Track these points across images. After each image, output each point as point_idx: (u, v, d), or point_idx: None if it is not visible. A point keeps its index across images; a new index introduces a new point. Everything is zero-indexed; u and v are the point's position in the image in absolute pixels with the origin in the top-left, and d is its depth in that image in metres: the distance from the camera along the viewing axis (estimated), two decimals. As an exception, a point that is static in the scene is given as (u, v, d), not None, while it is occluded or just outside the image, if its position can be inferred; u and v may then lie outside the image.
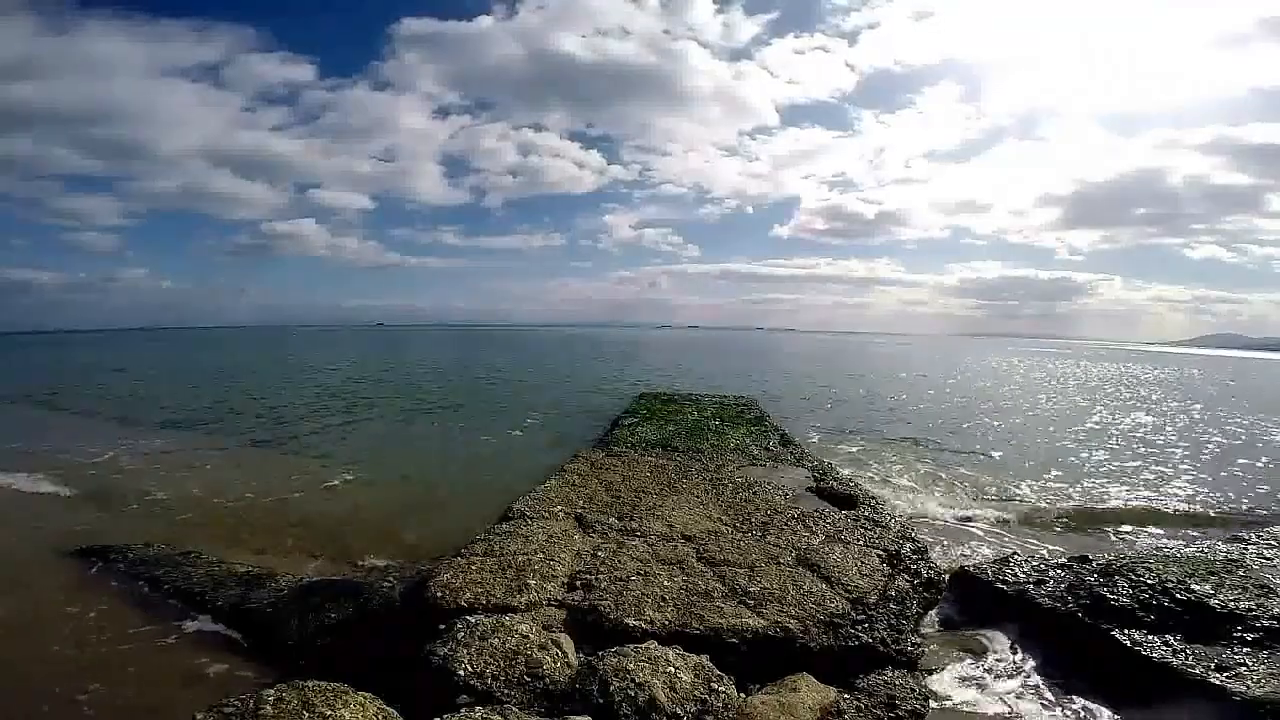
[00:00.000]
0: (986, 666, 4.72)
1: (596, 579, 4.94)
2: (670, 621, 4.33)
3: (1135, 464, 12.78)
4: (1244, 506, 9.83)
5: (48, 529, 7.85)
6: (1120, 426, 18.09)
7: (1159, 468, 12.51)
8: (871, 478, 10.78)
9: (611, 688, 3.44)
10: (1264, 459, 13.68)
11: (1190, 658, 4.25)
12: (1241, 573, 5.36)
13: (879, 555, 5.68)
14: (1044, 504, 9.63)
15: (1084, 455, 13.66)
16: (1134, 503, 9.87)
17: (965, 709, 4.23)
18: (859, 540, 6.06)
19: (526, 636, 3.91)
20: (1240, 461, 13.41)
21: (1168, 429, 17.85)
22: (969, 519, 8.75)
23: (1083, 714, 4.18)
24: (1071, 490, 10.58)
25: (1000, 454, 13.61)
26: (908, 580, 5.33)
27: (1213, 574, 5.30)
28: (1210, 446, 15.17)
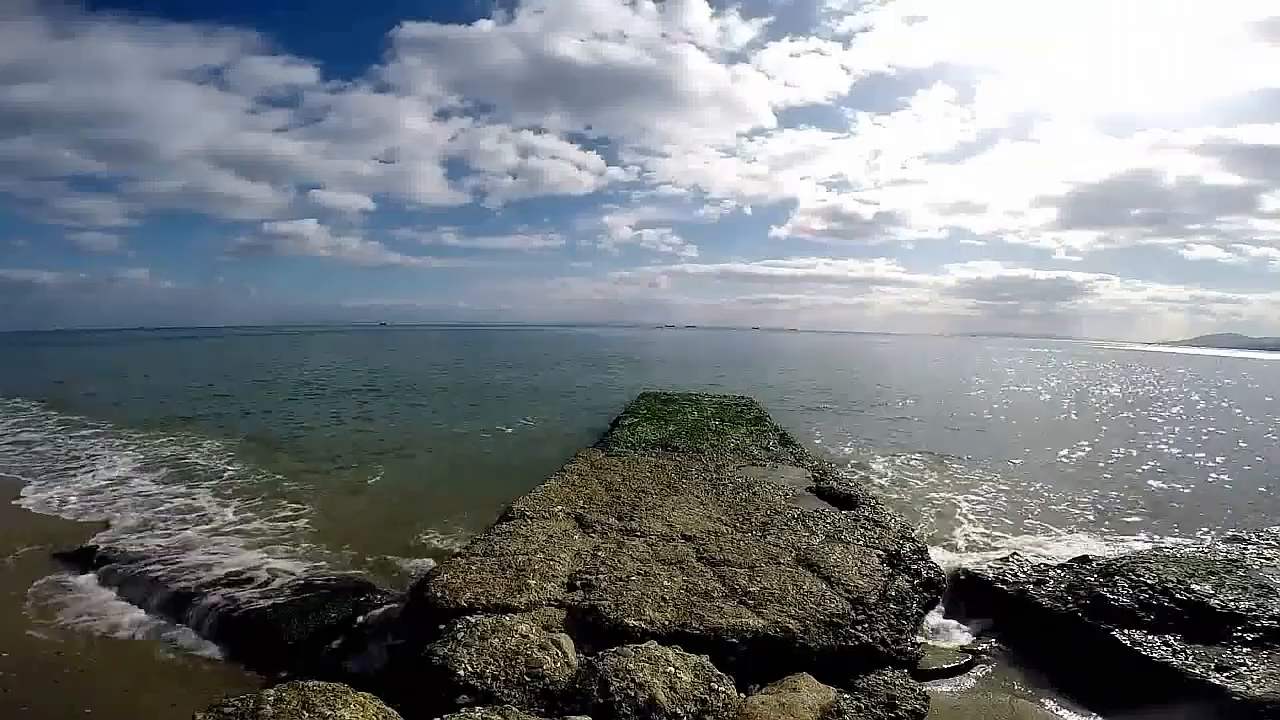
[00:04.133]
0: (986, 666, 4.72)
1: (596, 579, 4.94)
2: (670, 621, 4.33)
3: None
4: None
5: (49, 529, 7.85)
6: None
7: None
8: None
9: (611, 688, 3.45)
10: None
11: (1190, 658, 4.25)
12: (1241, 573, 5.36)
13: (879, 555, 5.68)
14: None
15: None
16: None
17: (965, 709, 4.23)
18: (859, 540, 6.06)
19: (526, 636, 3.91)
20: None
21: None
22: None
23: (1082, 714, 4.18)
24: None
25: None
26: (908, 580, 5.33)
27: (1213, 574, 5.30)
28: None
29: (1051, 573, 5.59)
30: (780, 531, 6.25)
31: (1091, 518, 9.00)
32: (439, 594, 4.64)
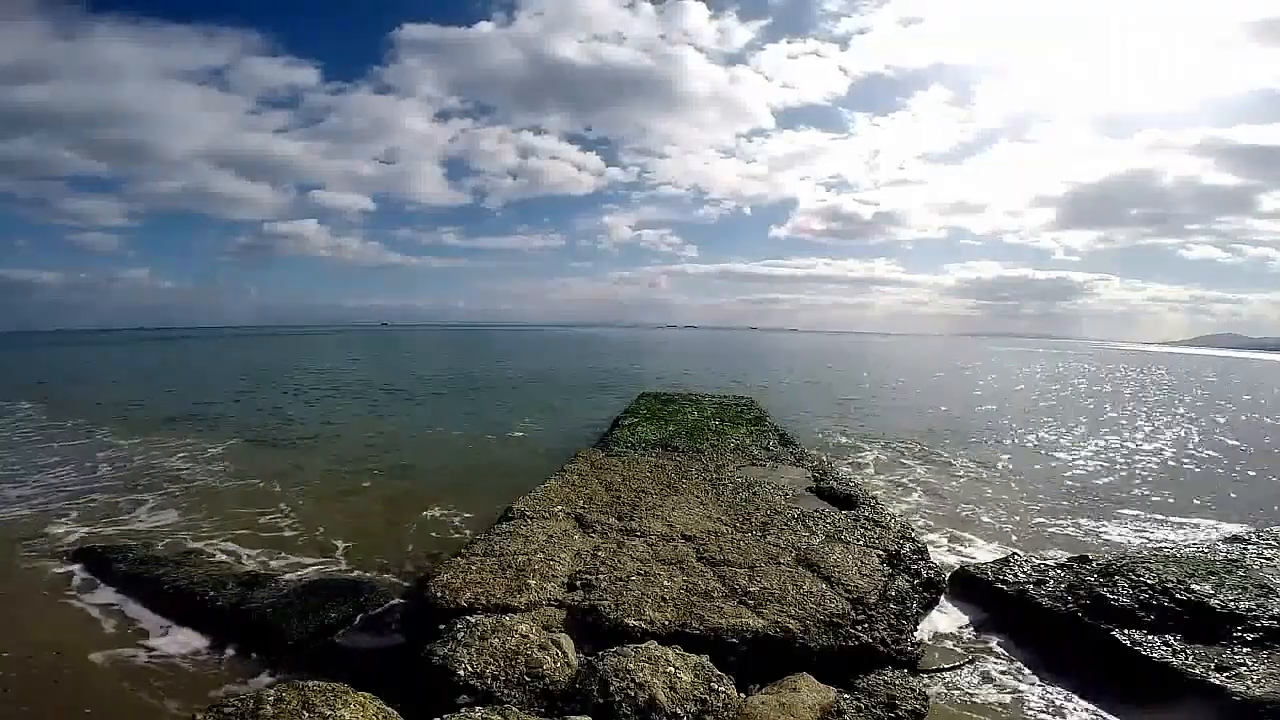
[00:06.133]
0: (986, 667, 4.72)
1: (596, 579, 4.95)
2: (670, 621, 4.33)
3: None
4: None
5: (50, 529, 7.85)
6: None
7: None
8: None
9: (611, 688, 3.45)
10: None
11: (1190, 658, 4.25)
12: (1241, 573, 5.35)
13: (879, 555, 5.68)
14: None
15: None
16: None
17: (965, 709, 4.23)
18: (859, 540, 6.06)
19: (526, 636, 3.91)
20: None
21: None
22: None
23: (1082, 714, 4.18)
24: None
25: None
26: (908, 580, 5.33)
27: (1213, 574, 5.29)
28: None
29: (1051, 573, 5.59)
30: (780, 531, 6.25)
31: (1092, 517, 9.00)
32: (439, 594, 4.64)
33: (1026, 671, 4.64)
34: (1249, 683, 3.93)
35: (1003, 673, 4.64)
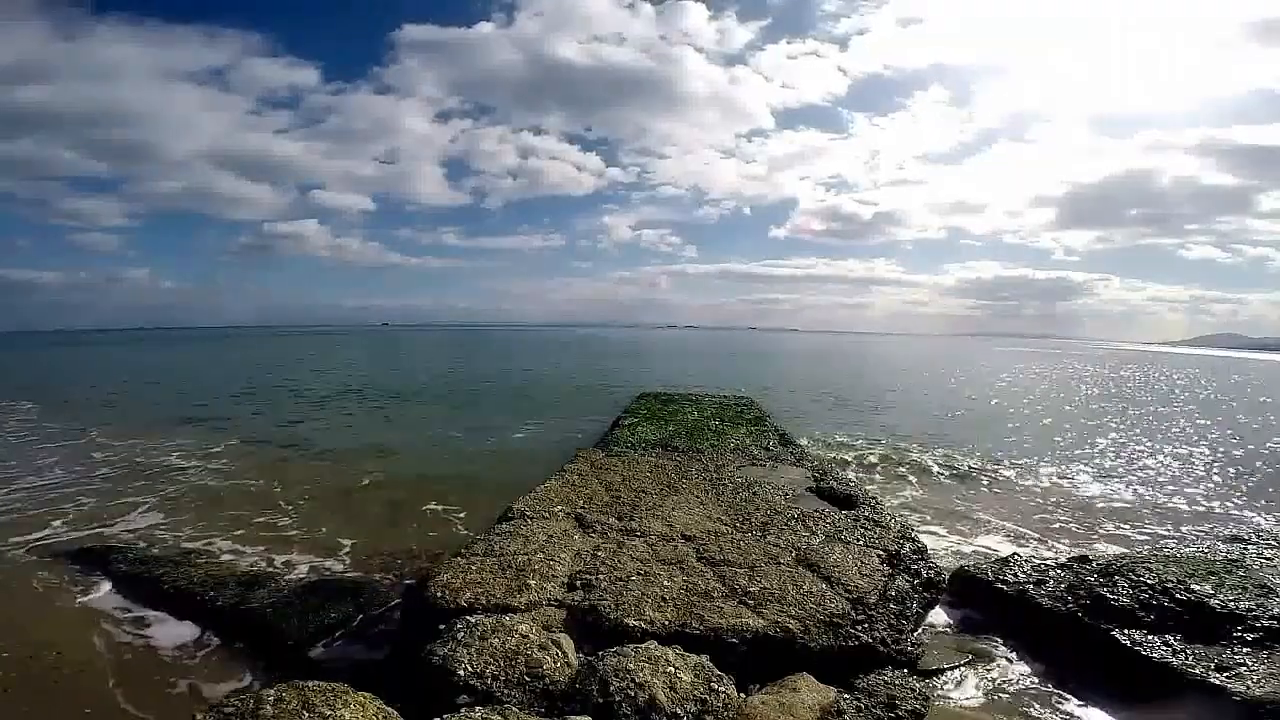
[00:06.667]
0: (986, 666, 4.72)
1: (596, 579, 4.94)
2: (670, 621, 4.33)
3: None
4: None
5: (49, 529, 7.85)
6: None
7: None
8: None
9: (611, 688, 3.44)
10: None
11: (1190, 658, 4.25)
12: (1241, 573, 5.35)
13: (879, 555, 5.68)
14: None
15: None
16: None
17: (965, 709, 4.23)
18: (859, 540, 6.06)
19: (526, 636, 3.91)
20: None
21: None
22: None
23: (1082, 714, 4.18)
24: None
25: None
26: (908, 580, 5.33)
27: (1213, 574, 5.29)
28: None
29: (1051, 573, 5.59)
30: (780, 531, 6.25)
31: (1092, 517, 9.00)
32: (439, 594, 4.63)
33: (1026, 671, 4.64)
34: (1249, 683, 3.93)
35: (1002, 672, 4.64)
